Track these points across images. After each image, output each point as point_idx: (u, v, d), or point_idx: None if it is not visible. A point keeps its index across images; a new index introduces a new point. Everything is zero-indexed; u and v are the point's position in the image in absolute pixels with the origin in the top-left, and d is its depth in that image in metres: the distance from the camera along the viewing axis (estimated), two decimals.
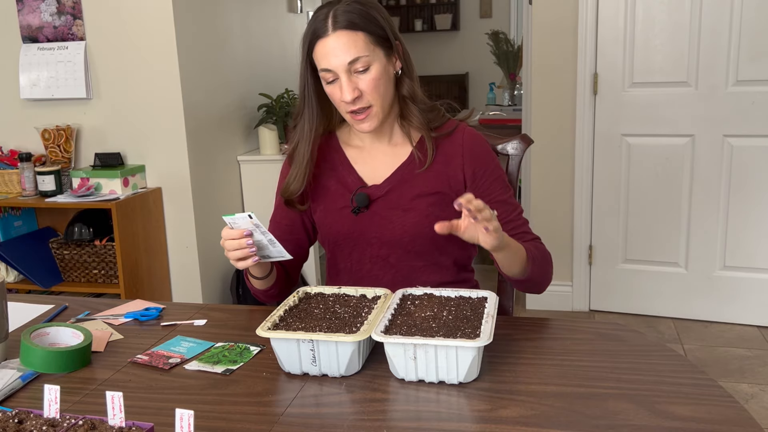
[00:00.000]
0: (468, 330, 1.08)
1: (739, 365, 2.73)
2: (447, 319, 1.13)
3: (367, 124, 1.35)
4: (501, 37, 4.90)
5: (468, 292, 1.23)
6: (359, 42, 1.30)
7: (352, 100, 1.31)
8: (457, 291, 1.24)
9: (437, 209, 1.39)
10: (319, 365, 1.09)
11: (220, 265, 3.08)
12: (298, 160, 1.41)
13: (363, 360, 1.12)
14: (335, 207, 1.43)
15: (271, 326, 1.12)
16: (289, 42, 3.96)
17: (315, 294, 1.27)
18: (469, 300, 1.21)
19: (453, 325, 1.11)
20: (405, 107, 1.41)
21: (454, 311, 1.16)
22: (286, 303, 1.21)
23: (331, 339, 1.06)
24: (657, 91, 3.05)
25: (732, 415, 0.94)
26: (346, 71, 1.30)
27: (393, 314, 1.15)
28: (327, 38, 1.31)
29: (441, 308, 1.18)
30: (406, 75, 1.39)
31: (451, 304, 1.20)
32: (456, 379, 1.05)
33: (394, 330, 1.09)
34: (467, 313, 1.15)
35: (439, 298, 1.23)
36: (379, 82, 1.32)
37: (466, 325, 1.10)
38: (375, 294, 1.24)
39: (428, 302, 1.21)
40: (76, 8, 2.75)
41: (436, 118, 1.42)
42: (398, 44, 1.37)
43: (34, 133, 2.83)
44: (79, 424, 0.86)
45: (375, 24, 1.32)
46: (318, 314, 1.17)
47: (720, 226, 3.07)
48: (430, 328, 1.09)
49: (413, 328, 1.10)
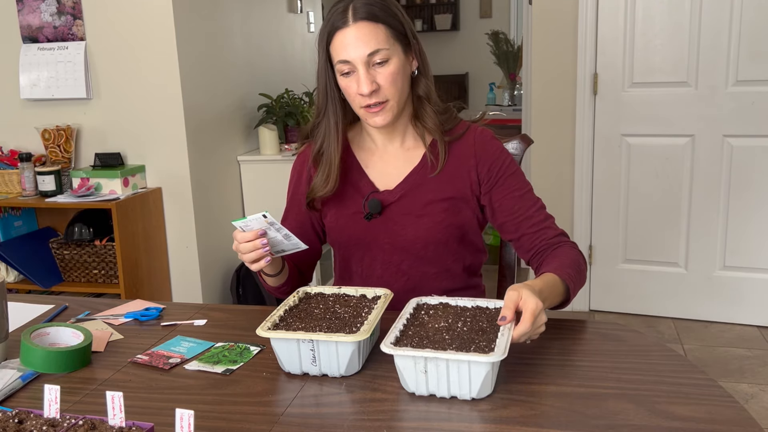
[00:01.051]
0: (483, 343, 1.02)
1: (739, 365, 2.73)
2: (461, 330, 1.08)
3: (381, 117, 1.32)
4: (501, 37, 4.90)
5: (485, 302, 1.18)
6: (380, 34, 1.28)
7: (369, 93, 1.28)
8: (474, 301, 1.18)
9: (450, 215, 1.38)
10: (319, 365, 1.09)
11: (220, 265, 3.08)
12: (327, 159, 1.38)
13: (363, 360, 1.12)
14: (347, 212, 1.41)
15: (271, 326, 1.11)
16: (289, 42, 3.96)
17: (315, 294, 1.27)
18: (486, 311, 1.16)
19: (467, 337, 1.05)
20: (420, 108, 1.38)
21: (469, 322, 1.11)
22: (286, 303, 1.21)
23: (331, 339, 1.05)
24: (657, 91, 3.05)
25: (732, 415, 0.94)
26: (364, 63, 1.28)
27: (405, 324, 1.11)
28: (347, 29, 1.28)
29: (456, 319, 1.13)
30: (422, 75, 1.37)
31: (467, 314, 1.15)
32: (468, 395, 1.00)
33: (405, 341, 1.05)
34: (483, 324, 1.10)
35: (455, 308, 1.17)
36: (397, 77, 1.30)
37: (482, 337, 1.05)
38: (375, 294, 1.24)
39: (443, 312, 1.16)
40: (76, 8, 2.75)
41: (449, 120, 1.40)
42: (416, 43, 1.35)
43: (34, 133, 2.83)
44: (79, 424, 0.86)
45: (395, 18, 1.31)
46: (318, 314, 1.17)
47: (720, 226, 3.07)
48: (443, 340, 1.04)
49: (425, 339, 1.05)
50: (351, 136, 1.46)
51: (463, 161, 1.38)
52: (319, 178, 1.39)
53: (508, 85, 4.93)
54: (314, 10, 4.41)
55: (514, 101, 4.85)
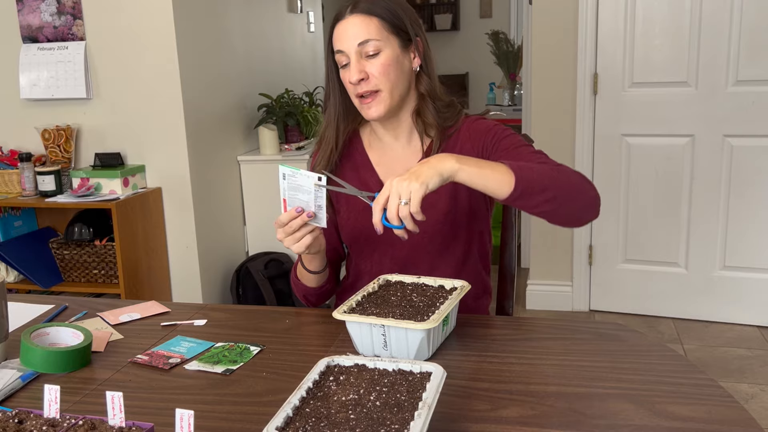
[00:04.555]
0: (395, 426, 0.82)
1: (739, 365, 2.73)
2: (372, 406, 0.87)
3: (374, 109, 1.34)
4: (501, 37, 4.91)
5: (410, 365, 0.96)
6: (372, 26, 1.32)
7: (357, 81, 1.32)
8: (397, 363, 0.96)
9: (455, 205, 1.40)
10: (390, 350, 1.12)
11: (220, 265, 3.08)
12: (325, 143, 1.44)
13: (434, 348, 1.14)
14: (358, 208, 1.43)
15: (347, 309, 1.15)
16: (289, 42, 3.96)
17: (395, 282, 1.29)
18: (410, 376, 0.94)
19: (377, 416, 0.85)
20: (422, 105, 1.41)
21: (385, 393, 0.90)
22: (365, 289, 1.23)
23: (401, 326, 1.08)
24: (657, 91, 3.05)
25: (732, 415, 0.94)
26: (356, 53, 1.32)
27: (305, 396, 0.90)
28: (343, 21, 1.35)
29: (370, 389, 0.91)
30: (424, 72, 1.40)
31: (384, 381, 0.93)
32: None
33: (299, 423, 0.83)
34: (401, 397, 0.89)
35: (372, 372, 0.96)
36: (389, 68, 1.33)
37: (395, 416, 0.84)
38: (453, 285, 1.25)
39: (356, 378, 0.94)
40: (76, 8, 2.75)
41: (451, 116, 1.42)
42: (419, 40, 1.38)
43: (34, 133, 2.83)
44: (79, 424, 0.86)
45: (393, 14, 1.35)
46: (394, 301, 1.19)
47: (720, 226, 3.06)
48: (347, 421, 0.83)
49: (323, 421, 0.83)
50: (364, 136, 1.50)
51: (460, 151, 1.40)
52: (317, 158, 1.45)
53: (508, 85, 4.93)
54: (314, 10, 4.41)
55: (514, 101, 4.85)
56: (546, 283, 3.38)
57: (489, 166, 1.16)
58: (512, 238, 1.61)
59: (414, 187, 1.10)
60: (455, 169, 1.14)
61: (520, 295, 3.42)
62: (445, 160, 1.14)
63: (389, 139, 1.45)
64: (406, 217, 1.12)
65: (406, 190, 1.11)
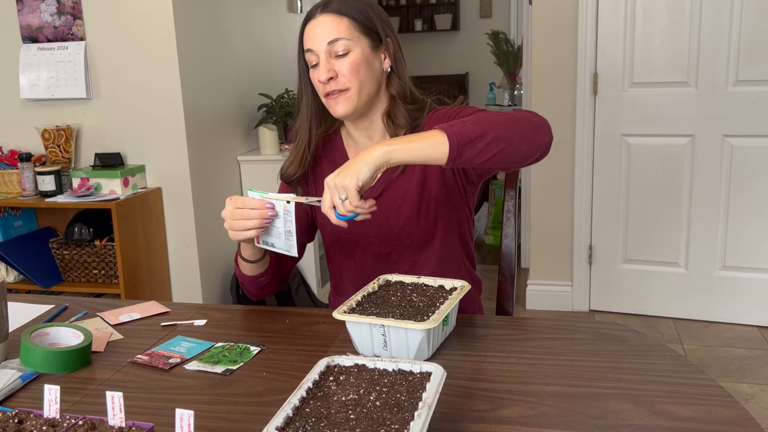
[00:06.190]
0: (395, 426, 0.82)
1: (739, 365, 2.73)
2: (372, 406, 0.87)
3: (341, 106, 1.35)
4: (501, 37, 4.90)
5: (410, 365, 0.96)
6: (342, 26, 1.33)
7: (326, 80, 1.33)
8: (397, 363, 0.97)
9: (425, 199, 1.40)
10: (390, 350, 1.12)
11: (220, 265, 3.08)
12: (297, 144, 1.44)
13: (434, 348, 1.14)
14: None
15: (347, 309, 1.15)
16: (289, 42, 3.96)
17: (395, 282, 1.30)
18: (410, 376, 0.94)
19: (377, 416, 0.84)
20: (393, 106, 1.41)
21: (385, 393, 0.90)
22: (365, 289, 1.24)
23: (400, 326, 1.08)
24: (657, 91, 3.05)
25: (732, 415, 0.94)
26: (326, 52, 1.33)
27: (305, 396, 0.90)
28: (314, 20, 1.35)
29: (370, 389, 0.91)
30: (395, 74, 1.40)
31: (384, 381, 0.93)
32: None
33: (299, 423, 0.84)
34: (401, 397, 0.89)
35: (372, 372, 0.96)
36: (358, 67, 1.33)
37: (395, 416, 0.84)
38: (453, 285, 1.25)
39: (356, 378, 0.94)
40: (76, 8, 2.75)
41: (421, 116, 1.42)
42: (389, 42, 1.39)
43: (34, 133, 2.83)
44: (79, 424, 0.86)
45: (363, 14, 1.35)
46: (394, 301, 1.20)
47: (720, 226, 3.07)
48: (347, 421, 0.83)
49: (323, 421, 0.84)
50: (344, 135, 1.50)
51: None
52: (288, 159, 1.46)
53: (508, 85, 4.93)
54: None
55: (514, 101, 4.85)
56: (546, 283, 3.39)
57: (421, 137, 1.15)
58: (512, 238, 1.61)
59: (346, 183, 1.12)
60: (386, 152, 1.14)
61: (520, 295, 3.42)
62: (374, 147, 1.15)
63: (363, 140, 1.46)
64: (352, 211, 1.14)
65: (340, 187, 1.13)
